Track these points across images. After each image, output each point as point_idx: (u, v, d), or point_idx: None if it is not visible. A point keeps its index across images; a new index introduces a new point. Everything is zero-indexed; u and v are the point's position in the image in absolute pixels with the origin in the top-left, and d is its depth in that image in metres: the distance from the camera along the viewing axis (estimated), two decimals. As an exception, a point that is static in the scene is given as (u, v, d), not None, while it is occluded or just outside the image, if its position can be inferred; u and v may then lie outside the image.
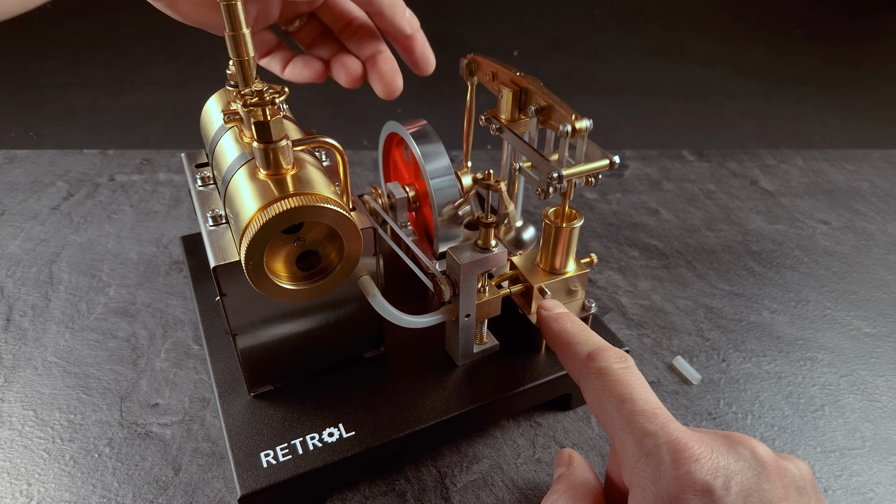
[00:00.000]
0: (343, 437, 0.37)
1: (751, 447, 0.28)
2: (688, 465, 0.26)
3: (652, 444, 0.27)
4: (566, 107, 0.35)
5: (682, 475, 0.26)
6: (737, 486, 0.26)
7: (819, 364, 0.50)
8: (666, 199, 0.72)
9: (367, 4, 0.37)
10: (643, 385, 0.30)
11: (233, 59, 0.31)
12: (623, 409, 0.29)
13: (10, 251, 0.60)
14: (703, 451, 0.27)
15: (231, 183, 0.34)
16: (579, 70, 1.14)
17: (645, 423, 0.28)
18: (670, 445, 0.27)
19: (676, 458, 0.26)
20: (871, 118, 1.00)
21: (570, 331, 0.35)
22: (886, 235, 0.67)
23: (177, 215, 0.66)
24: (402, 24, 0.39)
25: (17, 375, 0.47)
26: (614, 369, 0.31)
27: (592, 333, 0.35)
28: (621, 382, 0.30)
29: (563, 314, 0.37)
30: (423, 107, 0.85)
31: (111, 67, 1.05)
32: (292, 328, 0.38)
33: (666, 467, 0.26)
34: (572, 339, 0.35)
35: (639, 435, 0.28)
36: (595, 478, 0.34)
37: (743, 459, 0.27)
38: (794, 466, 0.29)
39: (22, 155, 0.77)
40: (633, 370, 0.31)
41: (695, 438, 0.27)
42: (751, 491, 0.26)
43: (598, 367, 0.32)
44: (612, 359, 0.32)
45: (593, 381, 0.32)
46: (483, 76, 0.42)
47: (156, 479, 0.39)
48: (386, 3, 0.38)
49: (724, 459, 0.27)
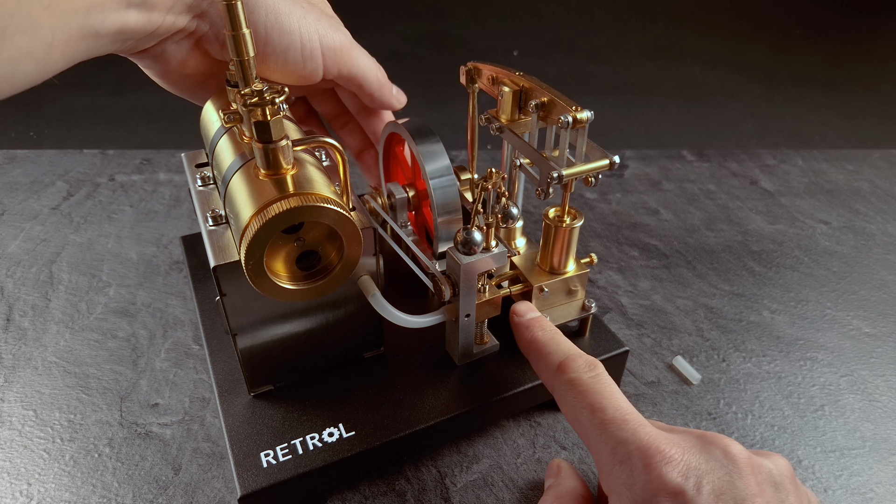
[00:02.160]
0: (343, 437, 0.37)
1: (723, 446, 0.28)
2: (659, 469, 0.27)
3: (624, 451, 0.28)
4: (566, 99, 0.35)
5: (654, 479, 0.26)
6: (708, 485, 0.26)
7: (819, 364, 0.50)
8: (666, 199, 0.72)
9: (357, 87, 0.41)
10: (613, 392, 0.31)
11: (233, 58, 0.31)
12: (595, 419, 0.30)
13: (10, 251, 0.60)
14: (675, 453, 0.27)
15: (231, 183, 0.34)
16: (579, 70, 1.14)
17: (616, 432, 0.29)
18: (641, 451, 0.27)
19: (648, 463, 0.27)
20: (871, 118, 1.00)
21: (540, 339, 0.36)
22: (886, 235, 0.67)
23: (177, 215, 0.66)
24: (390, 101, 0.43)
25: (17, 375, 0.47)
26: (584, 379, 0.31)
27: (563, 341, 0.35)
28: (591, 392, 0.31)
29: (534, 320, 0.37)
30: (423, 107, 0.85)
31: (111, 67, 1.05)
32: (292, 328, 0.38)
33: (638, 473, 0.27)
34: (543, 350, 0.35)
35: (612, 443, 0.28)
36: (583, 485, 0.34)
37: (714, 459, 0.27)
38: (769, 462, 0.29)
39: (22, 155, 0.77)
40: (603, 377, 0.32)
41: (666, 441, 0.28)
42: (723, 490, 0.26)
43: (569, 379, 0.32)
44: (582, 369, 0.32)
45: (565, 393, 0.32)
46: (484, 82, 0.42)
47: (156, 479, 0.39)
48: (374, 86, 0.42)
49: (695, 460, 0.27)
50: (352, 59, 0.39)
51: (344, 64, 0.39)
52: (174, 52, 0.36)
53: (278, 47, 0.36)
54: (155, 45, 0.34)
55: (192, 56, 0.36)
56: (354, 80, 0.40)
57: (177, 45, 0.35)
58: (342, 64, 0.39)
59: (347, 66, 0.39)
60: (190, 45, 0.36)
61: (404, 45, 1.14)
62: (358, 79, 0.40)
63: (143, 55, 0.35)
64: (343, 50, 0.39)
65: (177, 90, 0.40)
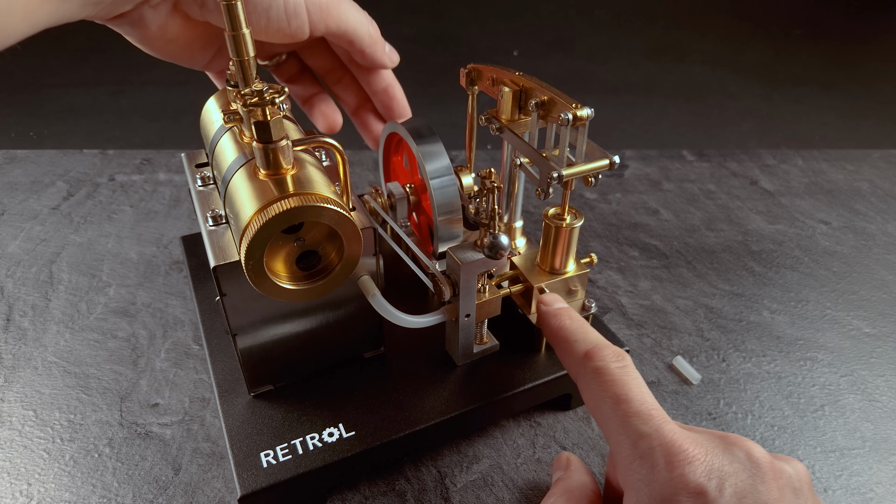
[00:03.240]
0: (343, 437, 0.37)
1: (746, 448, 0.28)
2: (681, 468, 0.26)
3: (646, 446, 0.27)
4: (566, 97, 0.35)
5: (676, 477, 0.26)
6: (731, 487, 0.26)
7: (819, 364, 0.50)
8: (666, 199, 0.72)
9: (348, 44, 0.39)
10: (640, 385, 0.30)
11: (233, 59, 0.31)
12: (619, 410, 0.29)
13: (10, 251, 0.60)
14: (698, 452, 0.27)
15: (231, 183, 0.34)
16: (579, 70, 1.14)
17: (640, 425, 0.28)
18: (664, 448, 0.27)
19: (670, 461, 0.26)
20: (871, 118, 1.00)
21: (568, 328, 0.35)
22: (886, 235, 0.67)
23: (177, 215, 0.66)
24: (382, 59, 0.41)
25: (17, 375, 0.47)
26: (611, 369, 0.31)
27: (591, 330, 0.35)
28: (618, 383, 0.30)
29: (563, 310, 0.37)
30: (423, 107, 0.85)
31: (111, 67, 1.05)
32: (292, 328, 0.38)
33: (660, 469, 0.26)
34: (570, 337, 0.34)
35: (634, 437, 0.28)
36: (592, 481, 0.33)
37: (738, 461, 0.27)
38: (790, 468, 0.28)
39: (22, 155, 0.77)
40: (630, 369, 0.31)
41: (690, 440, 0.27)
42: (745, 493, 0.26)
43: (595, 367, 0.31)
44: (610, 358, 0.32)
45: (590, 381, 0.31)
46: (484, 83, 0.42)
47: (156, 479, 0.39)
48: (366, 41, 0.39)
49: (718, 461, 0.27)
50: (339, 13, 0.37)
51: (332, 20, 0.37)
52: (152, 17, 0.34)
53: (259, 5, 0.34)
54: (132, 11, 0.33)
55: (172, 20, 0.35)
56: (344, 37, 0.38)
57: (154, 10, 0.34)
58: (330, 20, 0.37)
59: (336, 22, 0.37)
60: (168, 9, 0.35)
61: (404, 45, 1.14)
62: (348, 35, 0.38)
63: (121, 21, 0.34)
64: (330, 5, 0.37)
65: (163, 55, 0.38)
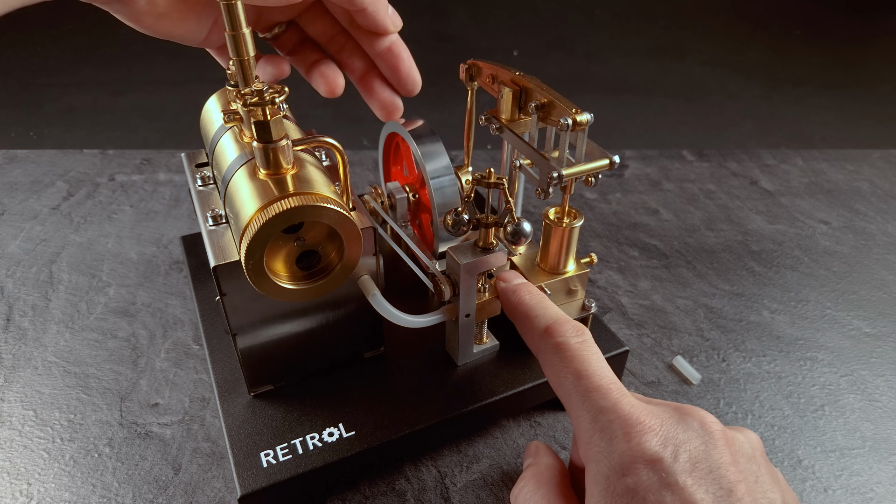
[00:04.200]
0: (343, 436, 0.37)
1: (700, 418, 0.29)
2: (638, 438, 0.27)
3: (605, 419, 0.28)
4: (566, 101, 0.35)
5: (633, 447, 0.27)
6: (685, 454, 0.27)
7: (819, 364, 0.50)
8: (666, 199, 0.72)
9: (348, 3, 0.36)
10: (599, 360, 0.31)
11: (233, 58, 0.31)
12: (579, 386, 0.30)
13: (10, 251, 0.60)
14: (654, 423, 0.28)
15: (231, 183, 0.34)
16: (579, 70, 1.14)
17: (599, 400, 0.29)
18: (622, 421, 0.28)
19: (627, 432, 0.27)
20: (871, 118, 1.00)
21: (527, 303, 0.35)
22: (886, 235, 0.67)
23: (177, 215, 0.66)
24: (384, 21, 0.39)
25: (17, 375, 0.47)
26: (571, 344, 0.31)
27: (550, 305, 0.35)
28: (577, 358, 0.31)
29: (521, 285, 0.37)
30: (423, 107, 0.85)
31: (111, 67, 1.05)
32: (292, 328, 0.38)
33: (618, 441, 0.27)
34: (530, 313, 0.34)
35: (593, 411, 0.29)
36: (559, 462, 0.34)
37: (692, 430, 0.28)
38: (742, 436, 0.29)
39: (22, 155, 0.77)
40: (590, 344, 0.32)
41: (646, 412, 0.28)
42: (699, 459, 0.27)
43: (556, 343, 0.32)
44: (569, 333, 0.32)
45: (551, 357, 0.32)
46: (483, 80, 0.42)
47: (156, 478, 0.39)
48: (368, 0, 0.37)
49: (673, 430, 0.28)
50: None
51: None
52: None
53: None
54: None
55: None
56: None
57: None
58: None
59: None
60: None
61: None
62: None
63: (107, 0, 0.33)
64: None
65: (157, 33, 0.36)
